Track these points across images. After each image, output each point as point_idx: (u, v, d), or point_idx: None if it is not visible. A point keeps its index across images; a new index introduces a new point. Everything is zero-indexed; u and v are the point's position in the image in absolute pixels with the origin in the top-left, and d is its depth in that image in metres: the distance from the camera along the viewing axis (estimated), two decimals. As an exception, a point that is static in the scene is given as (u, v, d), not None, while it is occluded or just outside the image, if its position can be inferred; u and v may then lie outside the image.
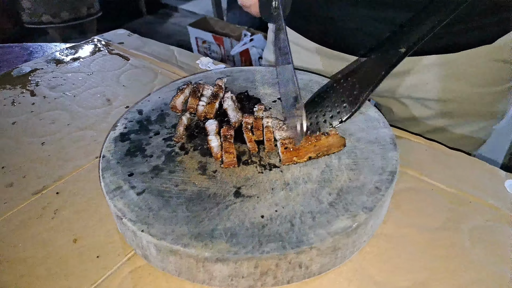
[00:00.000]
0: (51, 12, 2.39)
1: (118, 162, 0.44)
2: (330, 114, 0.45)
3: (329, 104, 0.46)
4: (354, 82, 0.46)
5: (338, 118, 0.45)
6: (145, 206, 0.39)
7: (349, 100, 0.45)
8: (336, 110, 0.45)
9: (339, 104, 0.45)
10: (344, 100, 0.45)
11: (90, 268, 0.39)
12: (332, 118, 0.45)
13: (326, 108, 0.46)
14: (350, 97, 0.45)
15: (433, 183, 0.47)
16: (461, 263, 0.39)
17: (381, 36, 0.58)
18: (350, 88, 0.46)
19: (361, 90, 0.45)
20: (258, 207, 0.39)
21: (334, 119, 0.45)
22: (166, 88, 0.58)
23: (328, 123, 0.45)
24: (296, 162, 0.44)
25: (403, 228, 0.42)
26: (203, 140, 0.47)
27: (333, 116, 0.45)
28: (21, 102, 0.64)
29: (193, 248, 0.35)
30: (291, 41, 0.70)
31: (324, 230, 0.36)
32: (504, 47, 0.54)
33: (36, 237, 0.42)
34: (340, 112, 0.45)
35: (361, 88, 0.45)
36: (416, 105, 0.63)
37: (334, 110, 0.45)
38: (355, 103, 0.44)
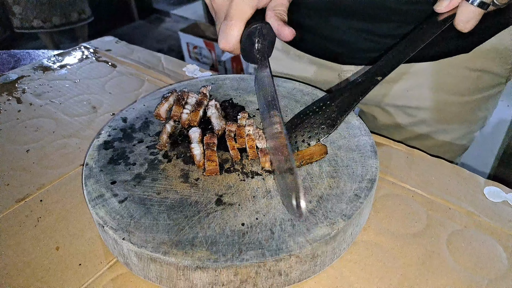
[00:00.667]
0: (42, 17, 2.37)
1: (101, 170, 0.44)
2: (308, 134, 0.48)
3: (308, 125, 0.49)
4: (332, 107, 0.50)
5: (315, 138, 0.48)
6: (126, 214, 0.39)
7: (327, 122, 0.49)
8: (314, 131, 0.48)
9: (317, 126, 0.48)
10: (323, 123, 0.49)
11: (72, 276, 0.39)
12: (310, 138, 0.48)
13: (305, 130, 0.49)
14: (328, 119, 0.49)
15: (413, 190, 0.48)
16: (438, 269, 0.39)
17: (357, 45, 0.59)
18: (329, 112, 0.49)
19: (339, 114, 0.49)
20: (239, 215, 0.39)
21: (312, 139, 0.48)
22: (151, 96, 0.58)
23: (306, 142, 0.47)
24: None
25: (382, 235, 0.43)
26: (187, 148, 0.48)
27: (310, 136, 0.48)
28: (7, 110, 0.64)
29: (173, 256, 0.35)
30: (277, 48, 0.71)
31: (303, 238, 0.37)
32: (480, 56, 0.55)
33: (18, 245, 0.42)
34: (318, 133, 0.48)
35: (339, 113, 0.49)
36: (399, 113, 0.65)
37: (313, 131, 0.48)
38: (332, 125, 0.48)
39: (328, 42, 0.61)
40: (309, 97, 0.57)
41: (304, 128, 0.49)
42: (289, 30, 0.45)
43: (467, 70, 0.57)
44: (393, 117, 0.65)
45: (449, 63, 0.57)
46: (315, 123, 0.49)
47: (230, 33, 0.43)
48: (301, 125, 0.49)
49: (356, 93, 0.49)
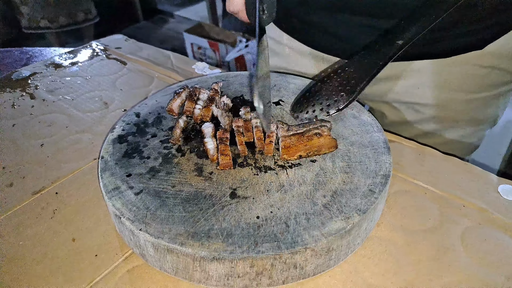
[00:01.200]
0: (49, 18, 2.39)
1: (116, 163, 0.45)
2: (327, 102, 0.46)
3: (326, 93, 0.46)
4: (351, 73, 0.47)
5: (335, 106, 0.45)
6: (142, 206, 0.39)
7: (346, 89, 0.46)
8: (333, 98, 0.46)
9: (336, 93, 0.46)
10: (342, 89, 0.46)
11: (88, 267, 0.39)
12: (329, 106, 0.45)
13: (322, 97, 0.46)
14: (347, 86, 0.46)
15: (426, 187, 0.48)
16: (451, 266, 0.39)
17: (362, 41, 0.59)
18: (347, 78, 0.46)
19: (358, 79, 0.46)
20: (254, 208, 0.39)
21: (331, 107, 0.45)
22: (163, 92, 0.59)
23: (325, 111, 0.45)
24: (287, 159, 0.45)
25: (396, 231, 0.43)
26: (199, 143, 0.48)
27: (329, 104, 0.45)
28: (21, 105, 0.64)
29: (189, 247, 0.35)
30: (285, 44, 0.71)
31: (318, 232, 0.37)
32: (493, 53, 0.55)
33: (35, 236, 0.42)
34: (337, 100, 0.45)
35: (359, 78, 0.46)
36: (407, 110, 0.65)
37: (331, 99, 0.46)
38: (352, 91, 0.45)
39: (335, 39, 0.62)
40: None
41: (322, 95, 0.47)
42: None
43: (476, 67, 0.57)
44: (402, 114, 0.65)
45: (457, 59, 0.57)
46: (334, 90, 0.46)
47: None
48: (319, 92, 0.47)
49: (377, 58, 0.46)
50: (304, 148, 0.45)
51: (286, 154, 0.45)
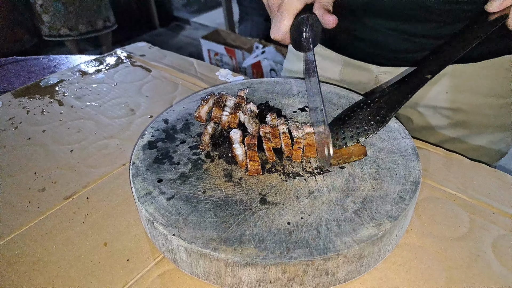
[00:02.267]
0: (69, 25, 2.45)
1: (147, 169, 0.45)
2: (357, 131, 0.48)
3: (356, 122, 0.49)
4: (381, 104, 0.50)
5: (365, 134, 0.48)
6: (175, 211, 0.40)
7: (376, 119, 0.49)
8: (363, 127, 0.48)
9: (366, 123, 0.49)
10: (371, 119, 0.49)
11: (121, 270, 0.40)
12: (358, 134, 0.48)
13: (353, 126, 0.49)
14: (377, 116, 0.49)
15: (454, 194, 0.48)
16: (483, 274, 0.39)
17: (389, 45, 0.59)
18: (377, 109, 0.50)
19: (388, 110, 0.49)
20: (284, 214, 0.40)
21: (361, 135, 0.48)
22: (189, 98, 0.60)
23: (355, 138, 0.48)
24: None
25: (426, 238, 0.43)
26: (228, 149, 0.49)
27: (359, 132, 0.48)
28: (50, 111, 0.66)
29: (222, 252, 0.36)
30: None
31: (350, 238, 0.37)
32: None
33: (68, 240, 0.43)
34: (367, 129, 0.48)
35: (388, 109, 0.49)
36: (435, 114, 0.64)
37: (361, 128, 0.48)
38: (382, 121, 0.48)
39: (364, 44, 0.62)
40: (345, 100, 0.57)
41: (352, 124, 0.49)
42: (332, 17, 0.47)
43: (507, 71, 0.57)
44: (429, 119, 0.65)
45: (489, 63, 0.56)
46: (364, 119, 0.49)
47: (281, 24, 0.48)
48: (349, 121, 0.50)
49: (405, 90, 0.49)
50: (334, 156, 0.45)
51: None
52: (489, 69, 0.57)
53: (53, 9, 2.36)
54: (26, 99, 0.70)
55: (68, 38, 2.50)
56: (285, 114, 0.55)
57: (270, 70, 2.29)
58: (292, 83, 0.62)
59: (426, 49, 0.59)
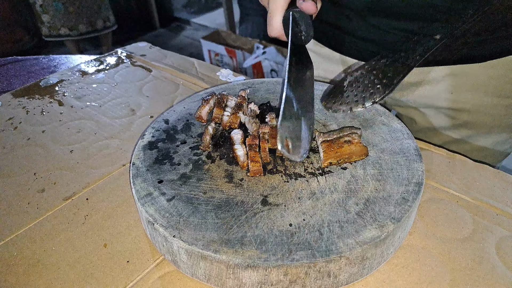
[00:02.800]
0: (69, 26, 2.44)
1: (147, 170, 0.45)
2: (362, 94, 0.45)
3: (361, 85, 0.46)
4: (387, 66, 0.46)
5: (371, 98, 0.44)
6: (175, 212, 0.39)
7: (382, 82, 0.45)
8: (368, 91, 0.45)
9: (372, 86, 0.45)
10: (378, 82, 0.45)
11: (120, 272, 0.39)
12: (364, 98, 0.44)
13: (357, 90, 0.46)
14: (384, 79, 0.45)
15: (457, 195, 0.47)
16: (488, 275, 0.39)
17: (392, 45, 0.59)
18: (383, 71, 0.46)
19: (395, 73, 0.45)
20: (286, 215, 0.39)
21: (367, 99, 0.44)
22: (190, 99, 0.59)
23: (361, 103, 0.44)
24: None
25: (429, 240, 0.42)
26: (229, 149, 0.48)
27: (365, 96, 0.44)
28: (50, 112, 0.65)
29: (224, 254, 0.35)
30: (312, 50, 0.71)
31: (352, 240, 0.36)
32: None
33: (68, 241, 0.43)
34: (373, 93, 0.44)
35: (395, 72, 0.45)
36: (438, 115, 0.64)
37: (367, 91, 0.45)
38: (389, 84, 0.44)
39: (368, 44, 0.61)
40: None
41: (357, 88, 0.46)
42: (308, 2, 0.47)
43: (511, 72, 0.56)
44: (432, 119, 0.64)
45: (493, 64, 0.56)
46: (370, 83, 0.46)
47: (272, 22, 0.49)
48: (353, 84, 0.47)
49: (414, 52, 0.45)
50: (334, 156, 0.45)
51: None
52: (494, 69, 0.56)
53: (53, 9, 2.36)
54: (25, 99, 0.69)
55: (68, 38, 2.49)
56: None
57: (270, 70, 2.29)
58: (293, 83, 0.62)
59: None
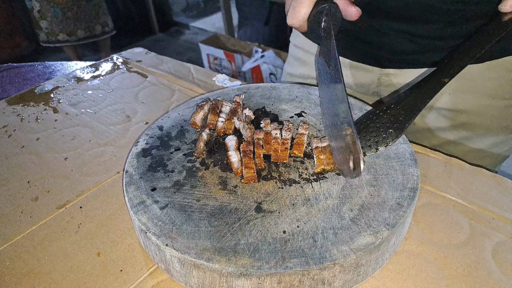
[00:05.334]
0: (67, 31, 2.45)
1: (141, 177, 0.45)
2: (376, 139, 0.47)
3: (374, 130, 0.48)
4: (398, 110, 0.48)
5: (384, 143, 0.47)
6: (168, 221, 0.39)
7: (394, 126, 0.47)
8: (381, 135, 0.47)
9: (384, 130, 0.47)
10: (390, 126, 0.47)
11: (114, 281, 0.39)
12: (377, 143, 0.47)
13: (371, 134, 0.48)
14: (395, 123, 0.47)
15: (454, 199, 0.47)
16: (484, 281, 0.38)
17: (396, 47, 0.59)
18: (395, 115, 0.48)
19: (406, 117, 0.47)
20: (280, 222, 0.39)
21: (380, 144, 0.47)
22: (185, 105, 0.59)
23: (374, 148, 0.46)
24: None
25: (424, 245, 0.42)
26: (223, 156, 0.48)
27: (378, 141, 0.47)
28: (44, 119, 0.65)
29: (216, 263, 0.35)
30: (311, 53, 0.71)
31: (347, 247, 0.36)
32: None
33: (61, 250, 0.42)
34: (386, 137, 0.47)
35: (406, 115, 0.47)
36: (436, 116, 0.63)
37: (380, 136, 0.47)
38: (401, 128, 0.47)
39: (367, 45, 0.61)
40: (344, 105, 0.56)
41: (370, 132, 0.48)
42: (355, 8, 0.46)
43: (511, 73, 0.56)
44: (430, 121, 0.64)
45: (492, 65, 0.56)
46: (382, 127, 0.48)
47: (299, 11, 0.46)
48: (365, 129, 0.48)
49: (423, 95, 0.47)
50: (328, 162, 0.45)
51: None
52: (493, 70, 0.56)
53: (50, 14, 2.36)
54: (20, 107, 0.69)
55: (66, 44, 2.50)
56: (282, 120, 0.54)
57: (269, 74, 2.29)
58: (289, 88, 0.61)
59: (430, 50, 0.58)
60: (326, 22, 0.48)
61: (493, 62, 0.56)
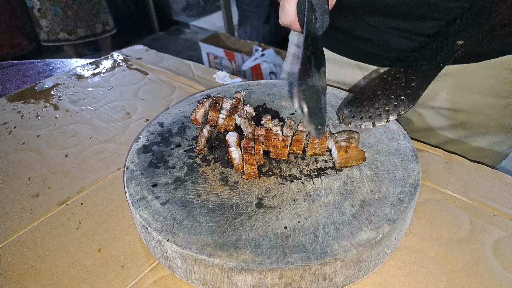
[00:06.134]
0: (67, 30, 2.44)
1: (141, 173, 0.45)
2: (386, 107, 0.42)
3: (383, 97, 0.43)
4: (410, 75, 0.43)
5: (395, 111, 0.42)
6: (169, 216, 0.39)
7: (406, 93, 0.42)
8: (391, 103, 0.42)
9: (395, 97, 0.42)
10: (401, 93, 0.42)
11: (115, 277, 0.39)
12: (388, 112, 0.42)
13: (379, 102, 0.43)
14: (407, 89, 0.42)
15: (454, 196, 0.47)
16: (485, 277, 0.38)
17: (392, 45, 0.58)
18: (407, 81, 0.43)
19: (420, 82, 0.42)
20: (281, 218, 0.39)
21: (391, 113, 0.42)
22: (186, 101, 0.59)
23: (385, 117, 0.42)
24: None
25: (425, 241, 0.42)
26: (224, 152, 0.48)
27: (388, 110, 0.42)
28: (45, 116, 0.65)
29: (218, 258, 0.35)
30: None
31: (348, 242, 0.36)
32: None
33: (62, 247, 0.42)
34: (397, 105, 0.42)
35: (420, 81, 0.42)
36: (435, 115, 0.63)
37: (390, 104, 0.42)
38: (414, 95, 0.41)
39: (364, 43, 0.61)
40: None
41: (379, 100, 0.43)
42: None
43: (510, 71, 0.56)
44: (429, 120, 0.64)
45: (491, 64, 0.56)
46: (392, 93, 0.42)
47: (286, 8, 0.45)
48: (374, 97, 0.44)
49: (437, 59, 0.43)
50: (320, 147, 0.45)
51: None
52: (491, 69, 0.56)
53: (51, 13, 2.36)
54: (21, 104, 0.69)
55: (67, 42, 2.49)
56: (282, 117, 0.54)
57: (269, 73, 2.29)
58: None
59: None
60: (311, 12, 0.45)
61: (491, 61, 0.55)
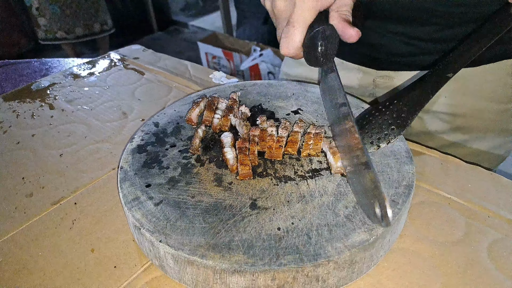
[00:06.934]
0: (65, 29, 2.44)
1: (135, 174, 0.45)
2: (377, 136, 0.46)
3: (375, 126, 0.47)
4: (401, 106, 0.47)
5: (386, 139, 0.46)
6: (162, 217, 0.39)
7: (397, 123, 0.47)
8: (383, 132, 0.47)
9: (387, 127, 0.47)
10: (392, 123, 0.47)
11: (108, 278, 0.39)
12: (379, 140, 0.46)
13: (372, 131, 0.47)
14: (398, 119, 0.47)
15: (450, 197, 0.47)
16: (479, 279, 0.38)
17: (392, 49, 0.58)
18: (397, 111, 0.47)
19: (409, 113, 0.47)
20: (275, 219, 0.39)
21: (382, 141, 0.46)
22: (181, 101, 0.59)
23: (376, 144, 0.46)
24: None
25: (420, 243, 0.42)
26: (218, 152, 0.48)
27: (380, 138, 0.46)
28: (40, 115, 0.65)
29: (210, 259, 0.35)
30: None
31: (341, 243, 0.36)
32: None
33: (55, 247, 0.42)
34: (388, 134, 0.46)
35: (409, 112, 0.47)
36: (433, 119, 0.63)
37: (382, 132, 0.47)
38: (403, 125, 0.46)
39: (363, 47, 0.61)
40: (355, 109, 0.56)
41: (371, 129, 0.47)
42: (354, 30, 0.42)
43: (509, 76, 0.56)
44: (427, 123, 0.64)
45: (490, 68, 0.56)
46: (384, 123, 0.47)
47: (293, 39, 0.42)
48: (367, 126, 0.48)
49: (426, 90, 0.46)
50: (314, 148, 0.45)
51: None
52: (490, 73, 0.56)
53: (49, 12, 2.36)
54: (16, 103, 0.69)
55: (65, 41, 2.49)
56: (278, 117, 0.54)
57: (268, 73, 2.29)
58: (285, 86, 0.61)
59: (426, 52, 0.57)
60: (322, 46, 0.44)
61: (489, 66, 0.55)
